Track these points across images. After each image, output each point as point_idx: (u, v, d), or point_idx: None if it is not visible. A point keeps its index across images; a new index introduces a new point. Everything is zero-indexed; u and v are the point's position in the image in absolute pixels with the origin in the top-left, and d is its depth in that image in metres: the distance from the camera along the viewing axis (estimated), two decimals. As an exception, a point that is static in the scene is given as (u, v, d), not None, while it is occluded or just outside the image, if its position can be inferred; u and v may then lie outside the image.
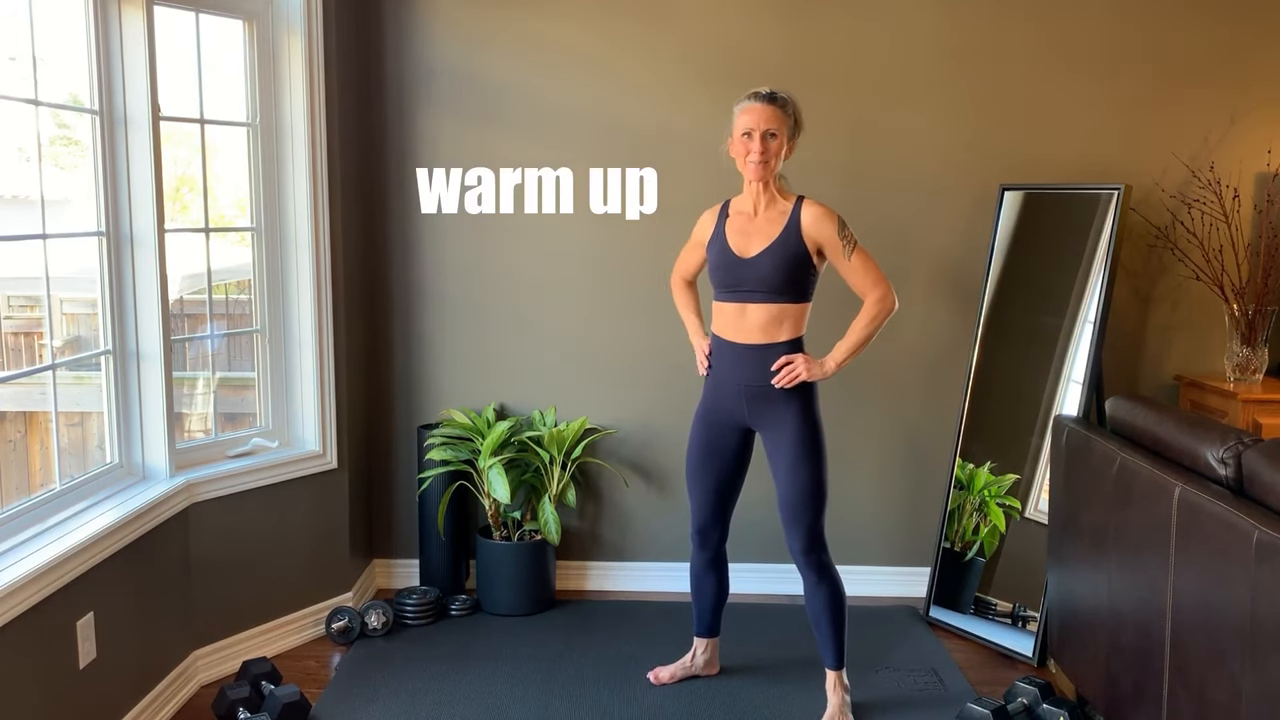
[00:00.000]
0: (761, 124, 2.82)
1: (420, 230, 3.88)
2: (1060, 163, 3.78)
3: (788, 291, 2.87)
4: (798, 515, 2.90)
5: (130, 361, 3.04)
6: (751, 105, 2.85)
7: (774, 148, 2.84)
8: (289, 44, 3.34)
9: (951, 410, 3.85)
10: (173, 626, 3.07)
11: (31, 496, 2.67)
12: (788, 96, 2.88)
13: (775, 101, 2.84)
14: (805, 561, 2.93)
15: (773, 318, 2.88)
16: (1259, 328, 3.61)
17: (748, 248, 2.89)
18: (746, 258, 2.88)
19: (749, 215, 2.94)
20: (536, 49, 3.79)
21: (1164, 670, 2.40)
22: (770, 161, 2.84)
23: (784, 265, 2.84)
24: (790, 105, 2.87)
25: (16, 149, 2.89)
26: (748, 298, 2.89)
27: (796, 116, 2.89)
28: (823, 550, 2.94)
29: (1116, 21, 3.73)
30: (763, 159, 2.83)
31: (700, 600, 3.22)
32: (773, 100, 2.84)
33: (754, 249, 2.88)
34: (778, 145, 2.84)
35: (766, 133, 2.82)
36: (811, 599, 2.97)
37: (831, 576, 2.96)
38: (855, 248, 2.88)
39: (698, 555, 3.17)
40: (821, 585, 2.95)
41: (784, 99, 2.86)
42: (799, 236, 2.84)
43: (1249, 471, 2.26)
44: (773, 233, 2.87)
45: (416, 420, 3.97)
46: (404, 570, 4.04)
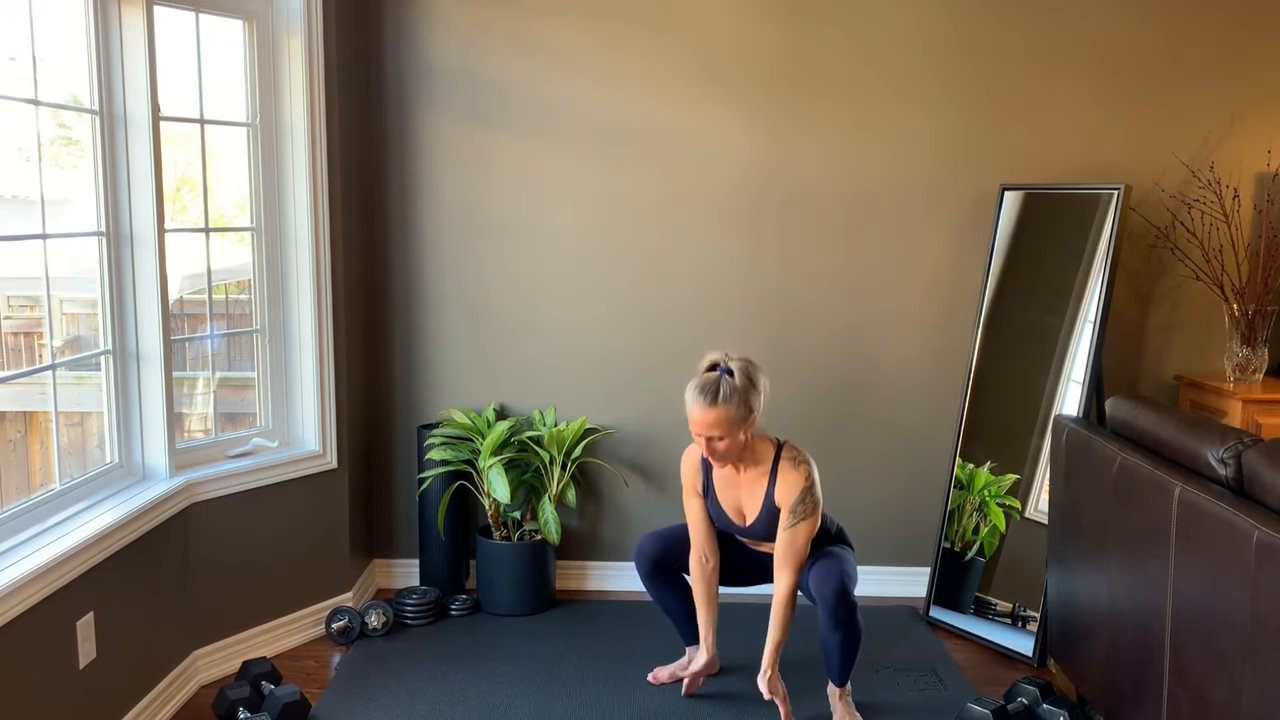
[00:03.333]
0: (705, 430, 2.80)
1: (420, 230, 3.88)
2: (1060, 163, 3.78)
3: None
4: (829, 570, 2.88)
5: (130, 361, 3.04)
6: (694, 406, 2.79)
7: (722, 448, 2.82)
8: (289, 44, 3.34)
9: (951, 410, 3.85)
10: (173, 626, 3.07)
11: (31, 496, 2.67)
12: (736, 383, 2.77)
13: (717, 402, 2.76)
14: (834, 603, 2.84)
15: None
16: (1259, 328, 3.60)
17: (742, 513, 2.98)
18: (746, 525, 2.99)
19: (732, 473, 2.97)
20: (537, 49, 3.79)
21: (1164, 670, 2.40)
22: (726, 456, 2.85)
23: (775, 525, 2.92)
24: (737, 398, 2.77)
25: (16, 149, 2.89)
26: (758, 540, 3.06)
27: (749, 403, 2.79)
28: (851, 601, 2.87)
29: (1117, 21, 3.73)
30: (715, 458, 2.86)
31: (668, 613, 3.23)
32: (713, 403, 2.76)
33: (749, 515, 2.98)
34: (726, 445, 2.82)
35: (713, 438, 2.81)
36: (826, 635, 2.91)
37: (853, 622, 2.89)
38: (801, 521, 2.86)
39: (639, 572, 3.17)
40: (839, 630, 2.88)
41: (727, 394, 2.76)
42: (775, 504, 2.91)
43: (1249, 471, 2.26)
44: (758, 496, 2.94)
45: (416, 420, 3.97)
46: (404, 570, 4.04)
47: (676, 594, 3.19)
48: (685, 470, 3.07)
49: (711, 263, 3.86)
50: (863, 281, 3.85)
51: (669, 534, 3.16)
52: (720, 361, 2.84)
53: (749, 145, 3.81)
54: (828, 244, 3.84)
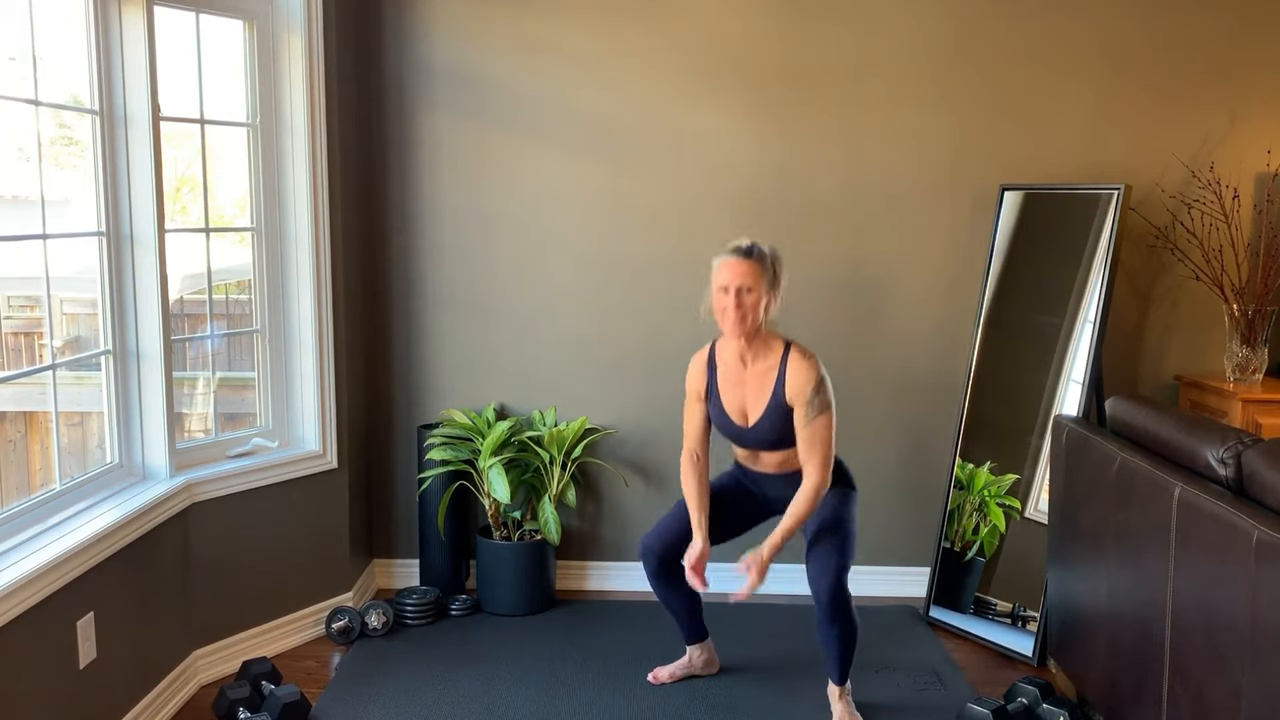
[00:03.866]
0: (736, 279, 2.78)
1: (420, 230, 3.88)
2: (1060, 163, 3.78)
3: (792, 441, 2.91)
4: (825, 559, 2.87)
5: (130, 361, 3.04)
6: (727, 260, 2.82)
7: (750, 303, 2.79)
8: (289, 44, 3.34)
9: (951, 410, 3.85)
10: (173, 626, 3.07)
11: (31, 496, 2.67)
12: (767, 250, 2.83)
13: (752, 256, 2.79)
14: (827, 600, 2.87)
15: (784, 458, 2.97)
16: (1259, 328, 3.60)
17: (745, 414, 2.94)
18: (747, 427, 2.94)
19: (738, 368, 2.93)
20: (537, 48, 3.79)
21: (1164, 670, 2.40)
22: (748, 317, 2.80)
23: (782, 427, 2.89)
24: (769, 259, 2.82)
25: (16, 149, 2.89)
26: (757, 448, 2.98)
27: (776, 269, 2.83)
28: (845, 594, 2.89)
29: (1116, 21, 3.73)
30: (739, 315, 2.80)
31: (672, 612, 3.21)
32: (749, 255, 2.79)
33: (752, 415, 2.92)
34: (754, 300, 2.79)
35: (742, 288, 2.78)
36: (823, 629, 2.92)
37: (847, 616, 2.90)
38: (820, 415, 2.83)
39: (645, 570, 3.14)
40: (836, 623, 2.90)
41: (762, 253, 2.81)
42: (785, 398, 2.86)
43: (1249, 471, 2.26)
44: (764, 393, 2.88)
45: (416, 420, 3.97)
46: (404, 570, 4.04)
47: (681, 592, 3.17)
48: (691, 373, 3.04)
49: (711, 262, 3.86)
50: (862, 281, 3.85)
51: (669, 527, 3.11)
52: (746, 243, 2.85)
53: (750, 145, 3.80)
54: (828, 243, 3.84)
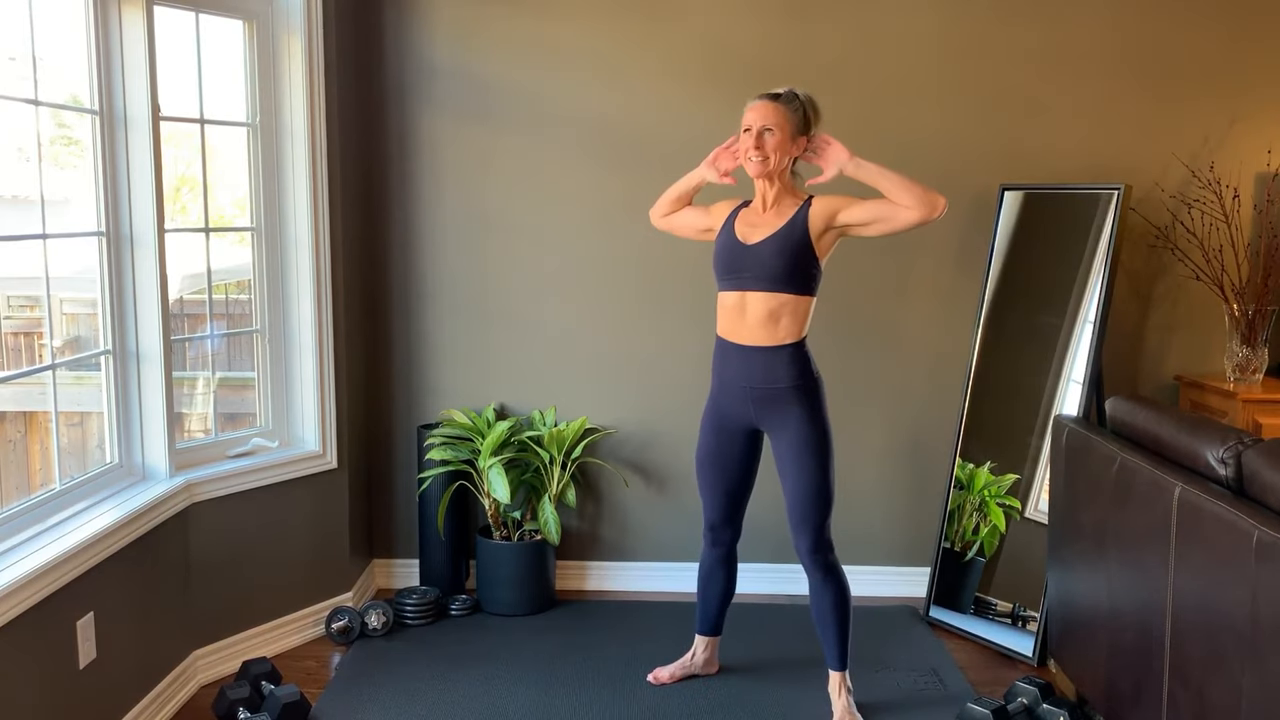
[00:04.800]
0: (758, 120, 2.82)
1: (420, 230, 3.88)
2: (1060, 163, 3.78)
3: (789, 281, 2.84)
4: (805, 515, 2.90)
5: (130, 361, 3.04)
6: (756, 103, 2.85)
7: (771, 143, 2.81)
8: (289, 44, 3.34)
9: (951, 410, 3.85)
10: (173, 626, 3.07)
11: (31, 496, 2.67)
12: (798, 94, 2.86)
13: (778, 99, 2.83)
14: (812, 561, 2.93)
15: (772, 311, 2.85)
16: (1259, 328, 3.60)
17: (751, 235, 2.90)
18: (749, 244, 2.88)
19: (759, 211, 2.94)
20: (537, 48, 3.79)
21: (1164, 670, 2.40)
22: (770, 157, 2.81)
23: (785, 253, 2.82)
24: (797, 102, 2.85)
25: (16, 149, 2.89)
26: (748, 284, 2.87)
27: (807, 114, 2.86)
28: (829, 550, 2.94)
29: (1116, 22, 3.73)
30: (760, 154, 2.81)
31: (706, 598, 3.22)
32: (776, 98, 2.84)
33: (757, 237, 2.88)
34: (776, 141, 2.81)
35: (763, 129, 2.81)
36: (817, 599, 2.97)
37: (838, 576, 2.96)
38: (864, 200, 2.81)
39: (709, 552, 3.17)
40: (828, 585, 2.94)
41: (791, 95, 2.85)
42: (804, 229, 2.82)
43: (1249, 471, 2.26)
44: (779, 221, 2.87)
45: (416, 420, 3.97)
46: (404, 570, 4.04)
47: (728, 581, 3.19)
48: (717, 206, 3.05)
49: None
50: (862, 281, 3.85)
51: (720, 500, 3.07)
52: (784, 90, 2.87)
53: (749, 145, 3.80)
54: (828, 244, 3.84)
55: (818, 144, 2.91)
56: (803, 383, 2.89)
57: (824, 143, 2.90)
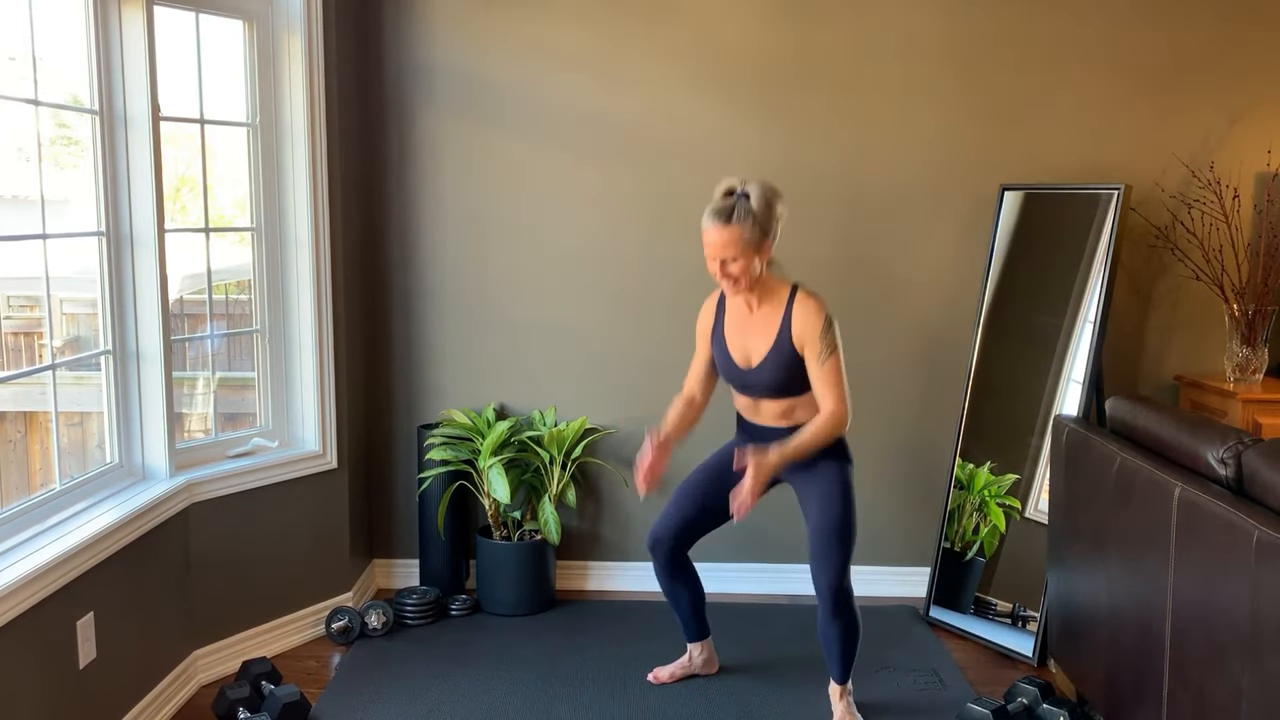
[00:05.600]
0: (716, 251, 2.77)
1: (420, 230, 3.88)
2: (1060, 163, 3.78)
3: (794, 387, 2.88)
4: (827, 553, 2.85)
5: (130, 361, 3.04)
6: (707, 227, 2.77)
7: (736, 270, 2.77)
8: (289, 44, 3.34)
9: (951, 410, 3.85)
10: (173, 626, 3.07)
11: (31, 496, 2.67)
12: (752, 206, 2.74)
13: (731, 220, 2.73)
14: (829, 595, 2.86)
15: (785, 410, 2.92)
16: (1259, 328, 3.60)
17: (748, 356, 2.90)
18: (749, 369, 2.90)
19: (745, 312, 2.92)
20: (537, 48, 3.79)
21: (1164, 670, 2.40)
22: (739, 281, 2.79)
23: (784, 371, 2.85)
24: (750, 218, 2.73)
25: (16, 149, 2.89)
26: (757, 395, 2.94)
27: (764, 225, 2.75)
28: (847, 593, 2.88)
29: (1117, 22, 3.73)
30: (728, 282, 2.80)
31: (678, 608, 3.20)
32: (727, 220, 2.74)
33: (754, 358, 2.89)
34: (740, 266, 2.77)
35: (725, 259, 2.77)
36: (825, 626, 2.92)
37: (849, 611, 2.90)
38: (831, 355, 2.81)
39: (658, 568, 3.12)
40: (837, 618, 2.89)
41: (743, 212, 2.73)
42: (790, 342, 2.83)
43: (1249, 471, 2.26)
44: (769, 336, 2.86)
45: (416, 420, 3.97)
46: (404, 570, 4.04)
47: (690, 589, 3.16)
48: (701, 313, 3.04)
49: (711, 263, 3.86)
50: (862, 281, 3.85)
51: (675, 515, 3.06)
52: (737, 187, 2.80)
53: (749, 145, 3.80)
54: (828, 243, 3.84)
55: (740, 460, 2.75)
56: (832, 447, 2.91)
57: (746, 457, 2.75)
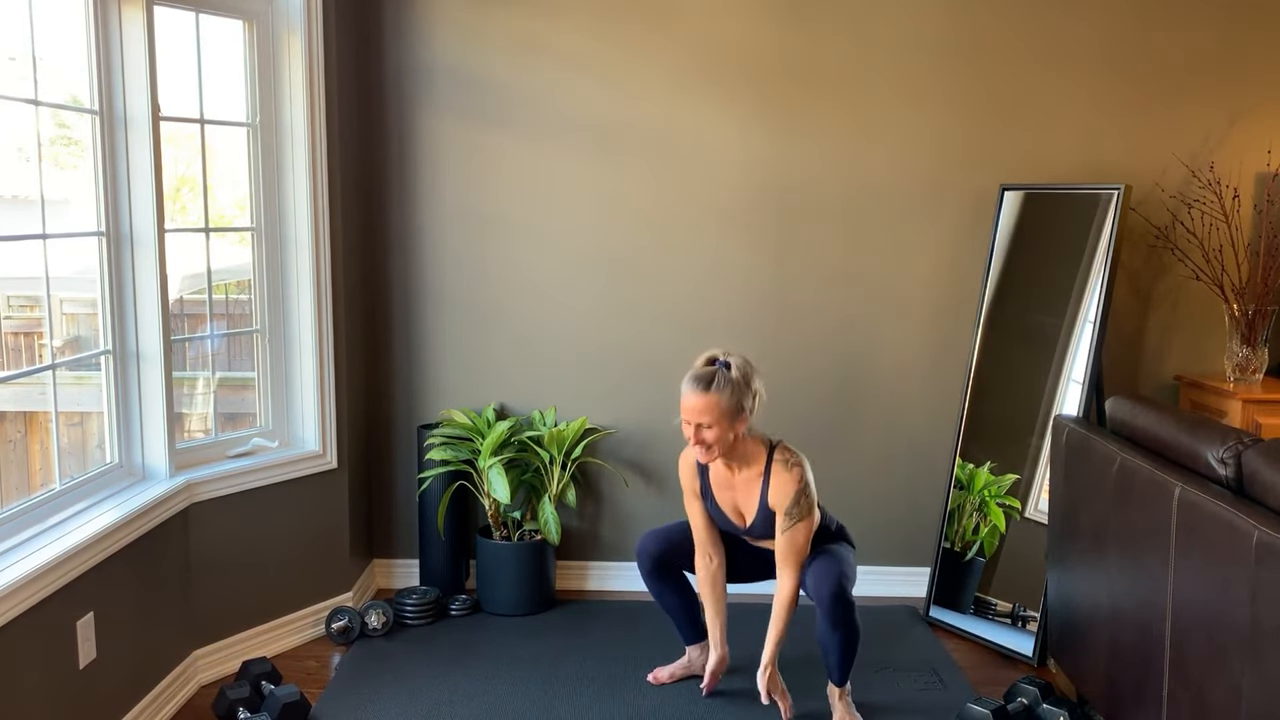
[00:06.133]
0: (694, 416, 2.80)
1: (420, 230, 3.88)
2: (1060, 163, 3.78)
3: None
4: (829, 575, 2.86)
5: (130, 361, 3.04)
6: (687, 392, 2.80)
7: (710, 437, 2.80)
8: (289, 44, 3.34)
9: (951, 410, 3.85)
10: (173, 626, 3.07)
11: (31, 496, 2.67)
12: (731, 376, 2.79)
13: (710, 389, 2.77)
14: (831, 604, 2.85)
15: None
16: (1259, 328, 3.60)
17: (741, 514, 2.99)
18: (745, 526, 2.99)
19: (726, 473, 2.96)
20: (537, 49, 3.79)
21: (1164, 670, 2.40)
22: (713, 449, 2.82)
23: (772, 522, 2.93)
24: (731, 388, 2.77)
25: (16, 149, 2.89)
26: (760, 540, 3.04)
27: (740, 399, 2.79)
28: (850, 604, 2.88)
29: (1116, 22, 3.73)
30: (702, 449, 2.83)
31: (671, 613, 3.22)
32: (707, 388, 2.77)
33: (748, 516, 2.97)
34: (715, 434, 2.79)
35: (700, 425, 2.79)
36: (825, 634, 2.92)
37: (850, 623, 2.90)
38: (798, 523, 2.85)
39: (645, 573, 3.17)
40: (837, 629, 2.89)
41: (724, 383, 2.77)
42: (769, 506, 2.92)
43: (1249, 471, 2.26)
44: (754, 498, 2.94)
45: (416, 420, 3.97)
46: (404, 570, 4.04)
47: (678, 593, 3.19)
48: (683, 473, 3.07)
49: (711, 262, 3.87)
50: (862, 281, 3.85)
51: (670, 532, 3.17)
52: (719, 356, 2.86)
53: (749, 145, 3.81)
54: (827, 244, 3.84)
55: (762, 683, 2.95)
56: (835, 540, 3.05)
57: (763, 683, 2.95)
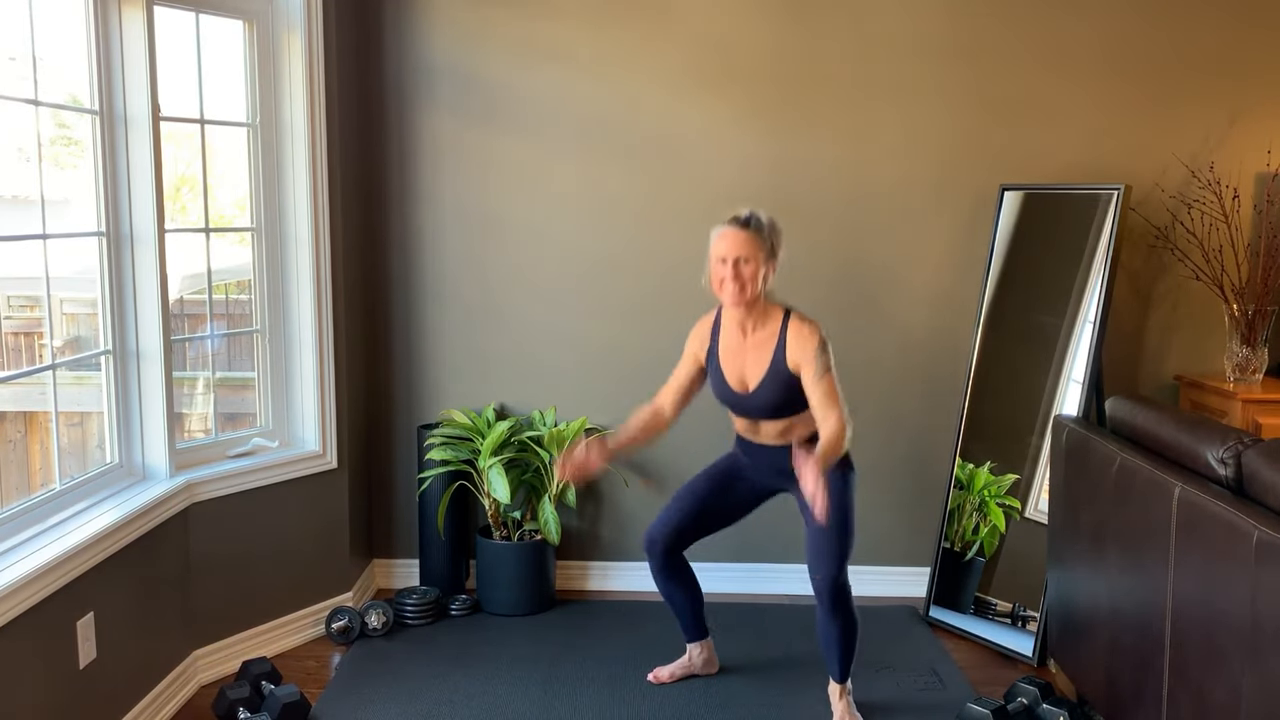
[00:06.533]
0: (734, 250, 2.80)
1: (420, 230, 3.88)
2: (1060, 163, 3.78)
3: (791, 408, 2.90)
4: (824, 552, 2.86)
5: (130, 361, 3.04)
6: (725, 230, 2.83)
7: (748, 273, 2.80)
8: (289, 44, 3.34)
9: (951, 410, 3.85)
10: (173, 626, 3.07)
11: (31, 496, 2.67)
12: (765, 220, 2.83)
13: (749, 227, 2.80)
14: (826, 594, 2.87)
15: (783, 430, 2.94)
16: (1259, 328, 3.60)
17: (745, 380, 2.92)
18: (746, 394, 2.92)
19: (739, 337, 2.93)
20: (537, 49, 3.79)
21: (1164, 670, 2.40)
22: (747, 287, 2.81)
23: (781, 393, 2.87)
24: (766, 229, 2.82)
25: (16, 149, 2.89)
26: (755, 417, 2.96)
27: (774, 240, 2.84)
28: (845, 590, 2.89)
29: (1117, 22, 3.73)
30: (738, 286, 2.81)
31: (676, 607, 3.21)
32: (746, 225, 2.81)
33: (751, 382, 2.91)
34: (752, 270, 2.80)
35: (739, 259, 2.79)
36: (824, 627, 2.93)
37: (847, 610, 2.91)
38: (827, 373, 2.82)
39: (650, 565, 3.14)
40: (835, 617, 2.90)
41: (760, 223, 2.82)
42: (785, 364, 2.85)
43: (1249, 471, 2.26)
44: (764, 360, 2.88)
45: (416, 420, 3.97)
46: (404, 570, 4.04)
47: (686, 588, 3.17)
48: (694, 334, 3.04)
49: (711, 263, 3.86)
50: (862, 281, 3.85)
51: (674, 517, 3.08)
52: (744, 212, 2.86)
53: (749, 145, 3.80)
54: (827, 243, 3.84)
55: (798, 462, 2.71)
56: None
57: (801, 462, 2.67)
